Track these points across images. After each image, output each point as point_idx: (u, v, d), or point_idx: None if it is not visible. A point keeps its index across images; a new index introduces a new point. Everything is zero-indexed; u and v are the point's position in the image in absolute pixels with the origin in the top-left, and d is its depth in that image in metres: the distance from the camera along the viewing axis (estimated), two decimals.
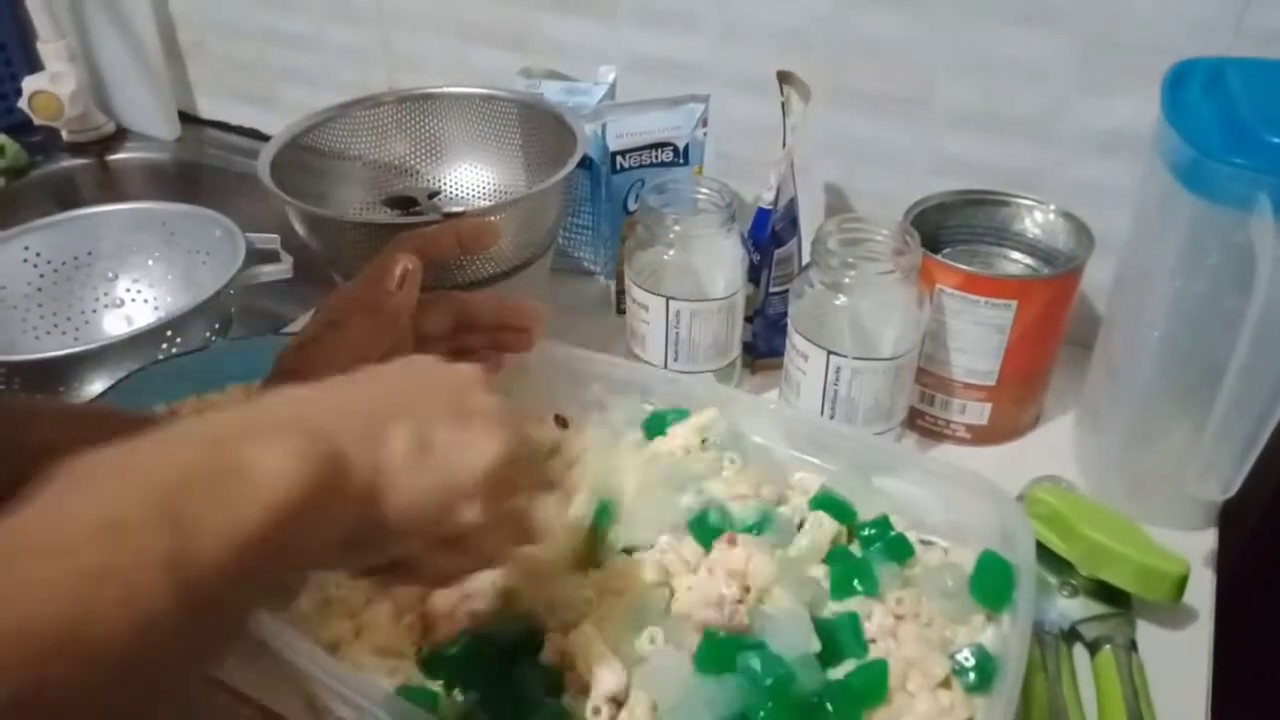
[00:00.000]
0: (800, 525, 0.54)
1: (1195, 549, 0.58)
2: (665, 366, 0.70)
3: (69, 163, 1.14)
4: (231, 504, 0.29)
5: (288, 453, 0.31)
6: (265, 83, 1.12)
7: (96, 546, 0.26)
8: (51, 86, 1.07)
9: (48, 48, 1.06)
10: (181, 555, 0.27)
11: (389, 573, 0.39)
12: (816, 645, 0.46)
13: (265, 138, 0.74)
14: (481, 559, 0.41)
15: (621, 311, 0.74)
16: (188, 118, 1.19)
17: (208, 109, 1.19)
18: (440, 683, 0.47)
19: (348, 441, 0.33)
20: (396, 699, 0.44)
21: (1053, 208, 0.68)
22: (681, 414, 0.60)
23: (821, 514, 0.54)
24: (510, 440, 0.38)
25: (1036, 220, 0.69)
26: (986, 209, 0.70)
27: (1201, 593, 0.57)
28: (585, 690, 0.45)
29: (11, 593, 0.25)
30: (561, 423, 0.61)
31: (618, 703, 0.45)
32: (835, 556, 0.52)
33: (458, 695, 0.47)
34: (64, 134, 1.14)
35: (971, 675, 0.46)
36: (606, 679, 0.45)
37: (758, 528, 0.53)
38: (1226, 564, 0.59)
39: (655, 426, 0.59)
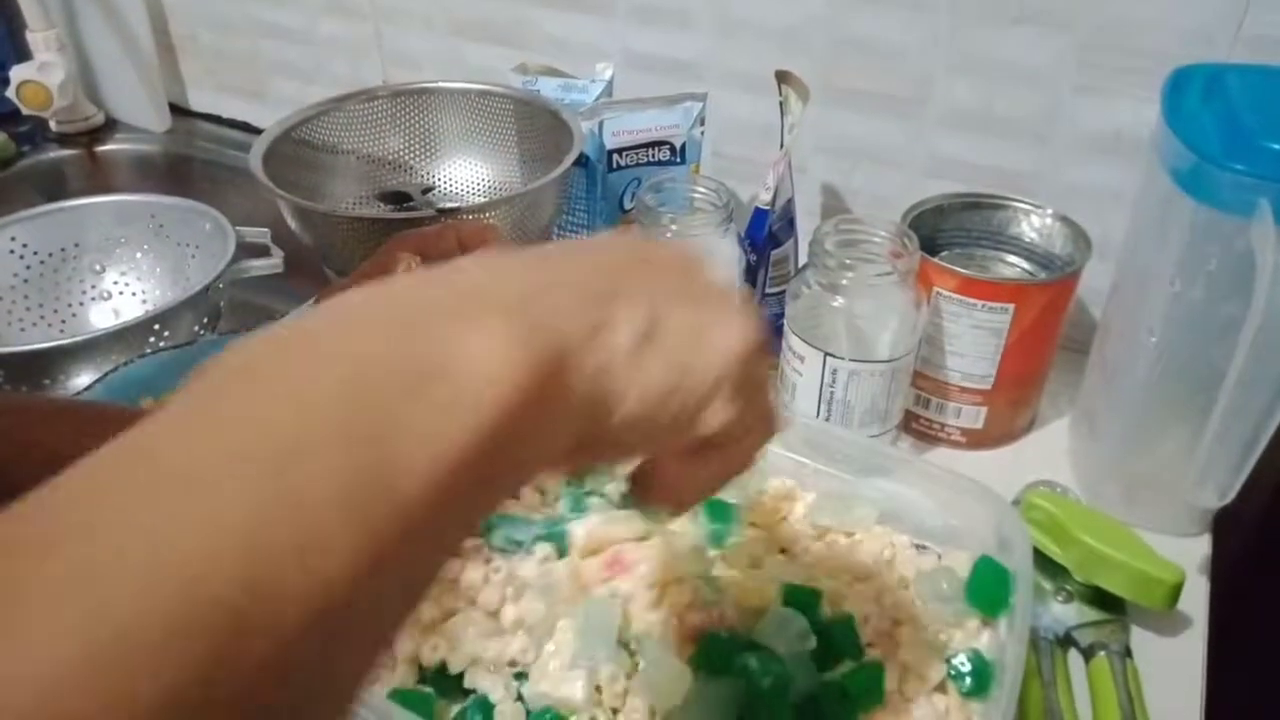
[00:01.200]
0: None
1: (1190, 555, 0.58)
2: None
3: (57, 153, 1.12)
4: (435, 416, 0.22)
5: (502, 341, 0.24)
6: (257, 76, 1.11)
7: (270, 471, 0.20)
8: (40, 76, 1.05)
9: (36, 37, 1.04)
10: (371, 485, 0.21)
11: (638, 486, 0.34)
12: (813, 642, 0.46)
13: (257, 131, 0.74)
14: (733, 467, 0.34)
15: None
16: (178, 110, 1.17)
17: (199, 101, 1.18)
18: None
19: (564, 324, 0.26)
20: (390, 704, 0.44)
21: (1050, 212, 0.68)
22: None
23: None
24: (756, 325, 0.31)
25: (1034, 224, 0.69)
26: (984, 212, 0.70)
27: (1196, 599, 0.57)
28: None
29: (160, 534, 0.18)
30: None
31: (615, 710, 0.44)
32: None
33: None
34: (52, 124, 1.13)
35: (967, 680, 0.46)
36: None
37: None
38: (1221, 570, 0.59)
39: None
